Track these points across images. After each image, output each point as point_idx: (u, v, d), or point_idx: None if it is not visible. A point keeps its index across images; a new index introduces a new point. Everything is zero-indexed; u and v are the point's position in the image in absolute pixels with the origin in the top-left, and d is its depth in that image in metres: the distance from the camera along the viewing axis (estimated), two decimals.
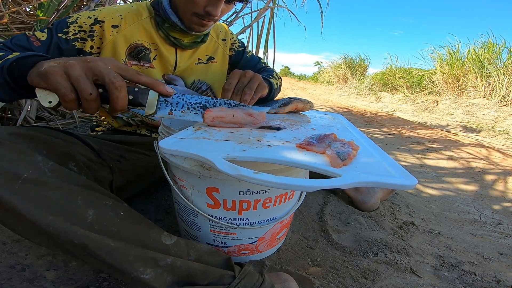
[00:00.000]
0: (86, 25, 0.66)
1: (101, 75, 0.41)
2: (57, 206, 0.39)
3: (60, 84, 0.40)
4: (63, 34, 0.63)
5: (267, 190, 0.51)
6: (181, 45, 0.75)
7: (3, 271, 0.54)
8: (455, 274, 0.68)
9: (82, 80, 0.40)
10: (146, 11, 0.73)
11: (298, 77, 20.62)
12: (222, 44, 0.86)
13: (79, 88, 0.40)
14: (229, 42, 0.87)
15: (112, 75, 0.42)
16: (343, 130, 0.57)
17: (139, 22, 0.72)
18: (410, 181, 0.33)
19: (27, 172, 0.39)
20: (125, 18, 0.70)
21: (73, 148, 0.52)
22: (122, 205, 0.46)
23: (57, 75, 0.39)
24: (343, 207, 0.94)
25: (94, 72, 0.41)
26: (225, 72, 0.88)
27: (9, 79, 0.45)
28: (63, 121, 1.52)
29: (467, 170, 1.59)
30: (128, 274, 0.41)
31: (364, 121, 3.20)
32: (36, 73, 0.40)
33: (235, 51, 0.88)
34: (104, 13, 0.68)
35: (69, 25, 0.64)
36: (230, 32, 0.90)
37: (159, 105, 0.49)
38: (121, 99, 0.43)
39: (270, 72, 0.86)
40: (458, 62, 4.55)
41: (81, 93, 0.41)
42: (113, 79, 0.42)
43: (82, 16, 0.66)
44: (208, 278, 0.44)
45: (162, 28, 0.72)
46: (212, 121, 0.50)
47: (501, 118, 3.29)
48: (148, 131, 0.82)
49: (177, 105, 0.50)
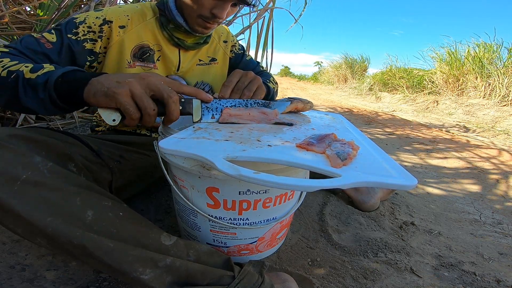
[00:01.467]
0: (95, 25, 0.66)
1: (158, 91, 0.46)
2: (56, 207, 0.39)
3: (128, 103, 0.43)
4: (73, 35, 0.63)
5: (267, 190, 0.51)
6: (184, 46, 0.75)
7: (3, 271, 0.54)
8: (455, 274, 0.68)
9: (145, 98, 0.45)
10: (150, 11, 0.74)
11: (298, 77, 20.60)
12: (223, 46, 0.87)
13: (143, 106, 0.44)
14: (229, 44, 0.89)
15: (168, 90, 0.46)
16: (343, 130, 0.57)
17: (145, 23, 0.72)
18: (410, 181, 0.33)
19: (26, 173, 0.39)
20: (131, 19, 0.70)
21: (72, 149, 0.52)
22: (122, 205, 0.46)
23: (125, 95, 0.43)
24: (343, 207, 0.94)
25: (152, 88, 0.46)
26: (226, 74, 0.89)
27: (55, 95, 0.46)
28: (63, 121, 1.52)
29: (467, 170, 1.59)
30: (127, 274, 0.41)
31: (364, 121, 3.20)
32: (102, 93, 0.43)
33: (235, 54, 0.90)
34: (112, 13, 0.68)
35: (78, 26, 0.64)
36: (232, 35, 0.91)
37: (203, 112, 0.54)
38: (176, 111, 0.48)
39: (268, 77, 0.88)
40: (458, 62, 4.55)
41: (145, 110, 0.45)
42: (170, 93, 0.46)
43: (90, 16, 0.66)
44: (207, 279, 0.44)
45: (167, 29, 0.72)
46: (229, 117, 0.55)
47: (501, 118, 3.28)
48: (148, 131, 0.82)
49: (216, 110, 0.55)
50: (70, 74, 0.47)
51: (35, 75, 0.46)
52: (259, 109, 0.58)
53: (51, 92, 0.46)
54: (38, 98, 0.47)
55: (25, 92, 0.47)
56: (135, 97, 0.44)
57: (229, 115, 0.55)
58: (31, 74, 0.47)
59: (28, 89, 0.47)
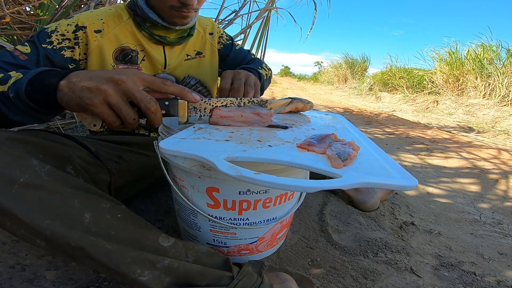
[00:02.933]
0: (68, 32, 0.64)
1: (135, 99, 0.42)
2: (54, 209, 0.39)
3: (105, 113, 0.41)
4: (47, 45, 0.61)
5: (267, 190, 0.51)
6: (167, 42, 0.74)
7: (3, 271, 0.54)
8: (455, 274, 0.68)
9: (123, 107, 0.42)
10: (125, 13, 0.72)
11: (298, 77, 20.60)
12: (209, 38, 0.86)
13: (122, 115, 0.42)
14: (216, 35, 0.87)
15: (146, 100, 0.43)
16: (344, 130, 0.57)
17: (122, 25, 0.70)
18: (411, 182, 0.33)
19: (24, 176, 0.39)
20: (106, 22, 0.69)
21: (70, 151, 0.51)
22: (120, 207, 0.46)
23: (100, 106, 0.40)
24: (343, 207, 0.94)
25: (128, 95, 0.42)
26: (216, 66, 0.88)
27: (34, 105, 0.43)
28: (63, 121, 1.52)
29: (467, 170, 1.59)
30: (125, 276, 0.41)
31: (364, 121, 3.20)
32: (74, 102, 0.40)
33: (224, 45, 0.88)
34: (83, 18, 0.66)
35: (51, 35, 0.62)
36: (217, 26, 0.89)
37: (189, 113, 0.50)
38: (157, 120, 0.45)
39: (260, 63, 0.87)
40: (458, 62, 4.55)
41: (125, 119, 0.43)
42: (148, 104, 0.43)
43: (61, 24, 0.64)
44: (206, 280, 0.44)
45: (145, 28, 0.71)
46: (220, 119, 0.51)
47: (501, 118, 3.28)
48: (146, 130, 0.82)
49: (205, 110, 0.52)
50: (37, 82, 0.43)
51: (6, 87, 0.44)
52: (253, 110, 0.54)
53: (28, 102, 0.43)
54: (20, 110, 0.44)
55: (6, 106, 0.44)
56: (113, 107, 0.41)
57: (219, 116, 0.51)
58: (3, 86, 0.44)
59: (7, 103, 0.44)
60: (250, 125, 0.53)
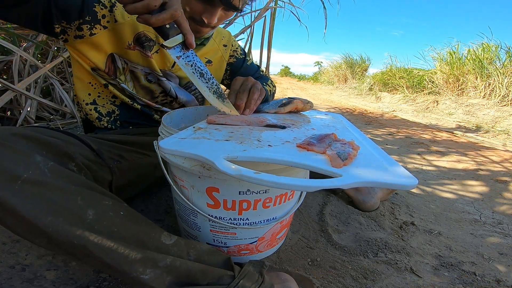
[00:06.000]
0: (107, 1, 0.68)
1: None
2: (57, 206, 0.39)
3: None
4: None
5: (267, 190, 0.51)
6: None
7: (3, 271, 0.54)
8: (455, 274, 0.68)
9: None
10: None
11: (298, 77, 20.61)
12: (222, 49, 0.89)
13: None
14: (229, 48, 0.91)
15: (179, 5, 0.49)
16: (343, 130, 0.57)
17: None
18: (411, 181, 0.33)
19: (27, 172, 0.39)
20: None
21: (73, 148, 0.52)
22: (122, 205, 0.46)
23: None
24: (343, 207, 0.94)
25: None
26: (220, 76, 0.92)
27: None
28: (63, 121, 1.52)
29: (467, 170, 1.59)
30: (127, 274, 0.41)
31: (364, 121, 3.20)
32: None
33: (237, 59, 0.92)
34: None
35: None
36: (233, 39, 0.92)
37: (176, 47, 0.55)
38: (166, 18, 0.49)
39: (266, 80, 0.91)
40: (458, 62, 4.55)
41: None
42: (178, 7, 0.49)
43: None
44: (207, 278, 0.44)
45: None
46: (217, 117, 0.54)
47: (501, 118, 3.28)
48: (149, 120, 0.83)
49: (187, 57, 0.57)
50: None
51: None
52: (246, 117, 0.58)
53: None
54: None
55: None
56: None
57: (216, 115, 0.55)
58: None
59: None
60: (248, 124, 0.54)
